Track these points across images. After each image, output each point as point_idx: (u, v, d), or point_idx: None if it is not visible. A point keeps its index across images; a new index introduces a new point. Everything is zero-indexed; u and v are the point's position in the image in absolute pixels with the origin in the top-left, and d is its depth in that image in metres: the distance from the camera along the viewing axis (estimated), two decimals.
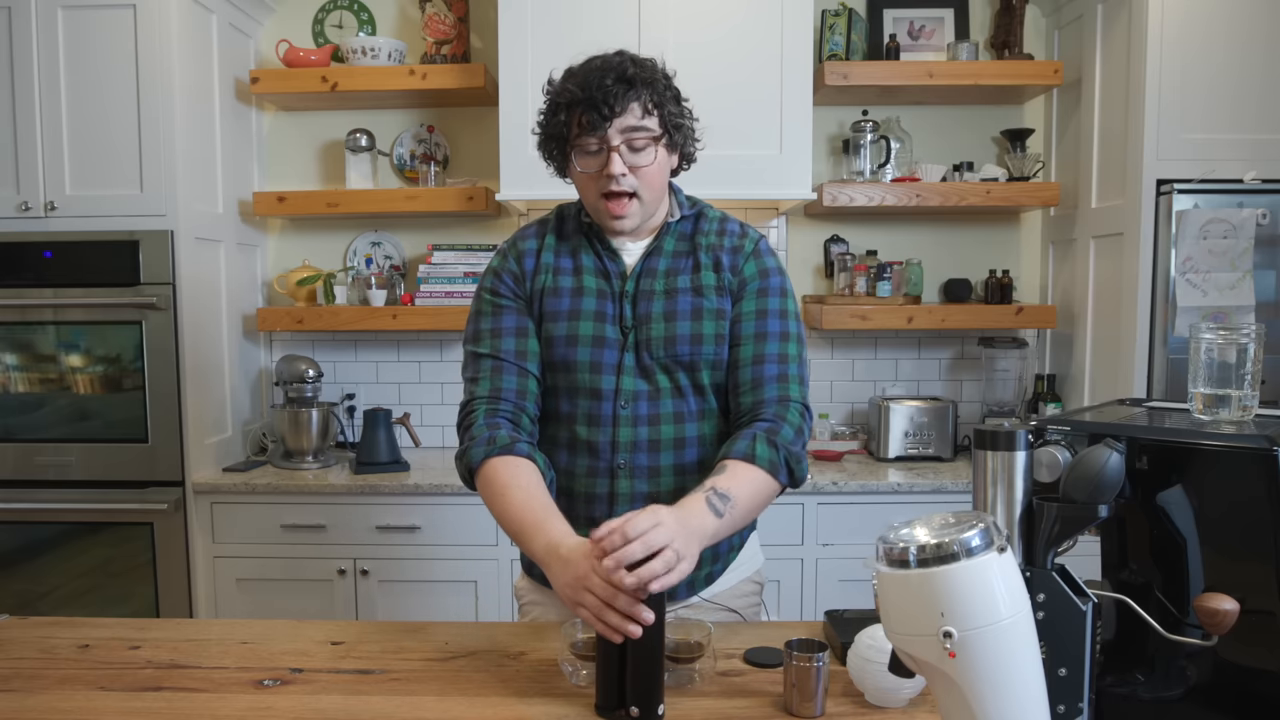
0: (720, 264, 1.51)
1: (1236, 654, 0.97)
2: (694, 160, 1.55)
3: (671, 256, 1.52)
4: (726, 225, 1.56)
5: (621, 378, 1.46)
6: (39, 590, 2.76)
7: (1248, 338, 1.02)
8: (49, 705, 1.25)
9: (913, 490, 2.71)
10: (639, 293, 1.49)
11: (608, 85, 1.39)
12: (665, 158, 1.47)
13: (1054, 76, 2.91)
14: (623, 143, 1.41)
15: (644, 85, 1.41)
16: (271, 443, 3.06)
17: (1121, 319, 2.70)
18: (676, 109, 1.47)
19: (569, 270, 1.52)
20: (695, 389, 1.49)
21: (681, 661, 1.29)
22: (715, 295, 1.50)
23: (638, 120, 1.42)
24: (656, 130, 1.43)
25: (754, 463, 1.38)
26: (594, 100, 1.38)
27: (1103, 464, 0.94)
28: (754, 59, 2.74)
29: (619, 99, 1.39)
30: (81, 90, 2.66)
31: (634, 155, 1.43)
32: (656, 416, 1.47)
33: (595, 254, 1.53)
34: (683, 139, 1.49)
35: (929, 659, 0.84)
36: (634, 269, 1.51)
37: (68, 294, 2.69)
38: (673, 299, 1.48)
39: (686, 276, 1.50)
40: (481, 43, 3.16)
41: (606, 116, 1.39)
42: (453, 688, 1.30)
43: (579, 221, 1.55)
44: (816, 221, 3.24)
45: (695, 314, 1.48)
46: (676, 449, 1.48)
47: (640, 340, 1.47)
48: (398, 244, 3.27)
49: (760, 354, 1.48)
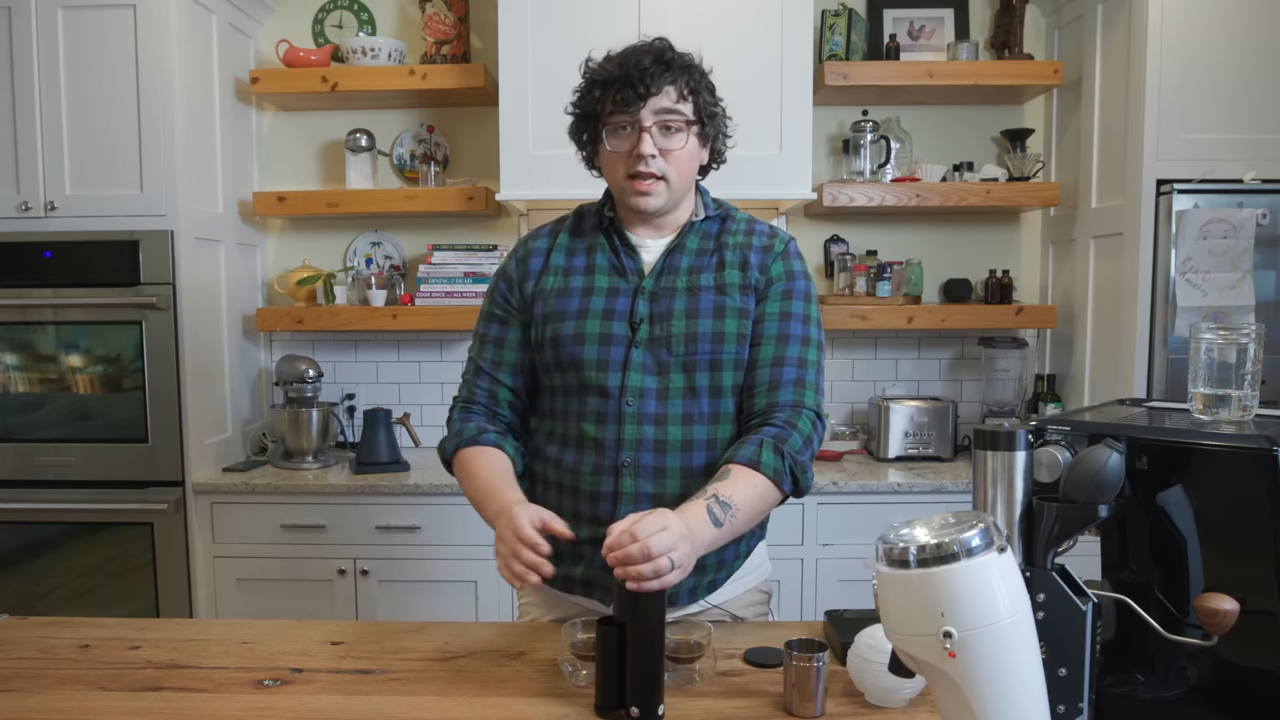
0: (748, 263, 1.51)
1: (1236, 654, 0.97)
2: (724, 160, 1.56)
3: (695, 254, 1.52)
4: (755, 226, 1.56)
5: (628, 374, 1.45)
6: (39, 590, 2.76)
7: (1248, 338, 1.02)
8: (49, 705, 1.25)
9: (913, 490, 2.71)
10: (659, 289, 1.49)
11: (645, 66, 1.40)
12: (696, 147, 1.48)
13: (1054, 76, 2.91)
14: (655, 124, 1.42)
15: (681, 70, 1.43)
16: (271, 443, 3.06)
17: (1121, 319, 2.70)
18: (711, 99, 1.48)
19: (580, 269, 1.53)
20: (712, 390, 1.47)
21: (681, 661, 1.29)
22: (739, 294, 1.48)
23: (672, 103, 1.43)
24: (690, 115, 1.44)
25: (758, 470, 1.37)
26: (630, 78, 1.40)
27: (1103, 464, 0.94)
28: (754, 59, 2.74)
29: (655, 79, 1.40)
30: (81, 90, 2.66)
31: (665, 138, 1.44)
32: (664, 416, 1.45)
33: (612, 250, 1.53)
34: (715, 131, 1.50)
35: (929, 659, 0.84)
36: (654, 266, 1.51)
37: (68, 294, 2.69)
38: (695, 296, 1.48)
39: (710, 274, 1.50)
40: (481, 43, 3.16)
41: (641, 95, 1.40)
42: (453, 688, 1.30)
43: (599, 218, 1.56)
44: (816, 221, 3.24)
45: (718, 312, 1.47)
46: (684, 451, 1.46)
47: (658, 337, 1.46)
48: (398, 244, 3.27)
49: (780, 356, 1.47)
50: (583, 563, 1.50)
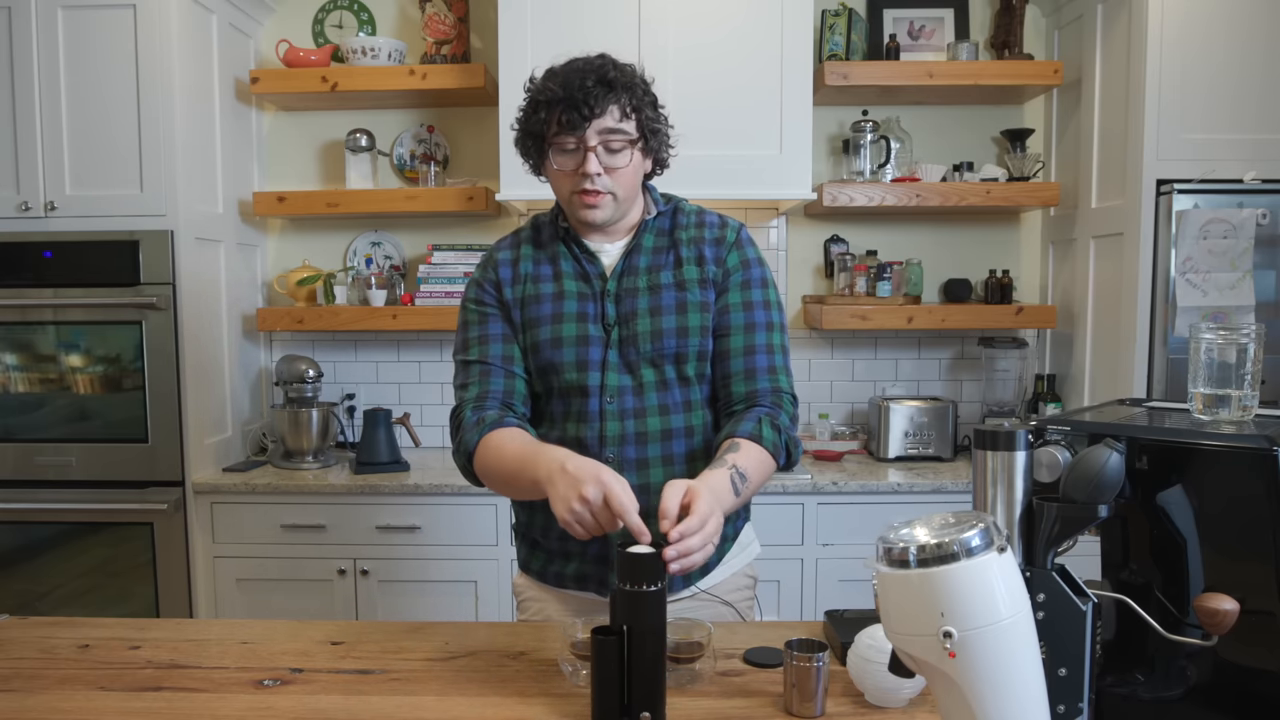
0: (703, 257, 1.55)
1: (1236, 654, 0.97)
2: (667, 166, 1.58)
3: (652, 253, 1.56)
4: (705, 218, 1.60)
5: (606, 374, 1.50)
6: (39, 590, 2.76)
7: (1248, 338, 1.02)
8: (49, 705, 1.25)
9: (913, 490, 2.71)
10: (621, 291, 1.53)
11: (588, 86, 1.41)
12: (640, 161, 1.50)
13: (1054, 76, 2.91)
14: (599, 144, 1.44)
15: (624, 89, 1.45)
16: (271, 443, 3.06)
17: (1121, 319, 2.70)
18: (654, 114, 1.50)
19: (549, 276, 1.56)
20: (680, 380, 1.53)
21: (681, 661, 1.29)
22: (699, 288, 1.53)
23: (615, 123, 1.45)
24: (633, 134, 1.47)
25: (760, 443, 1.44)
26: (574, 100, 1.41)
27: (1103, 464, 0.94)
28: (754, 59, 2.74)
29: (599, 100, 1.42)
30: (81, 90, 2.66)
31: (610, 157, 1.46)
32: (642, 410, 1.51)
33: (574, 258, 1.56)
34: (658, 144, 1.52)
35: (929, 659, 0.84)
36: (614, 268, 1.55)
37: (68, 294, 2.69)
38: (656, 294, 1.52)
39: (669, 272, 1.54)
40: (481, 43, 3.16)
41: (586, 117, 1.42)
42: (453, 688, 1.30)
43: (555, 228, 1.58)
44: (816, 221, 3.24)
45: (680, 308, 1.52)
46: (663, 440, 1.51)
47: (625, 336, 1.51)
48: (398, 244, 3.27)
49: (751, 345, 1.53)
50: (574, 559, 1.54)
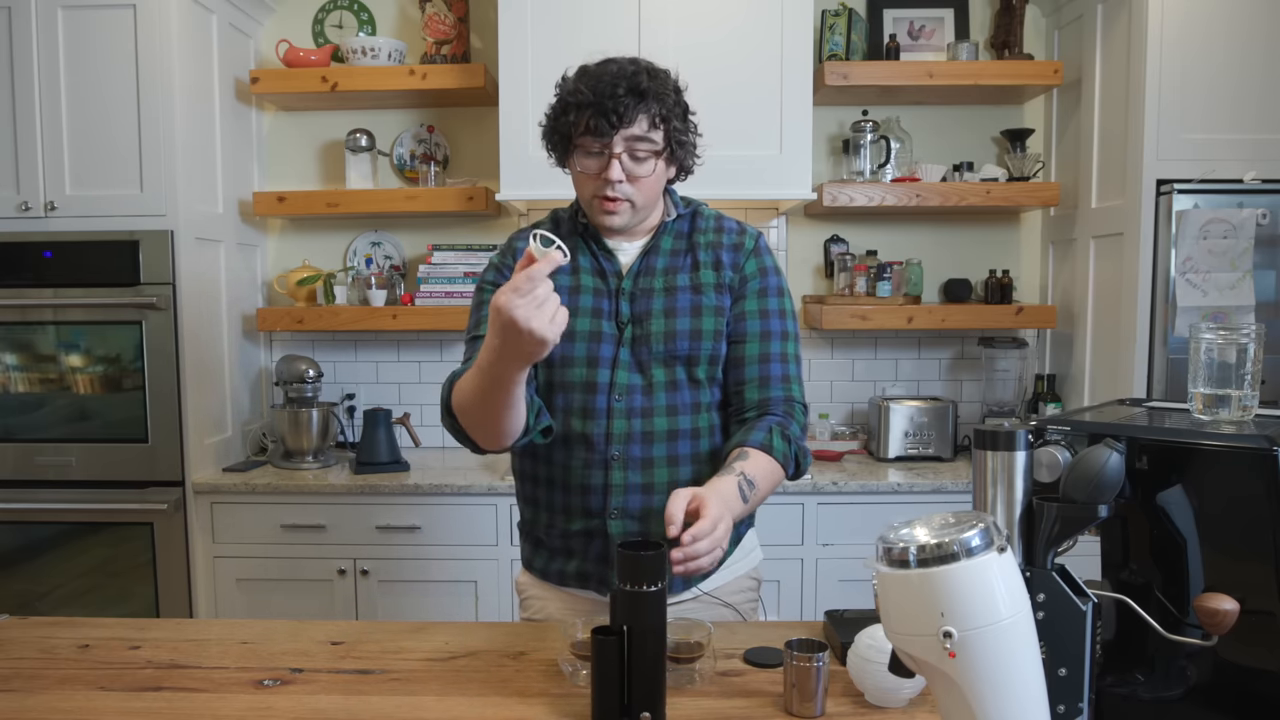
0: (721, 262, 1.55)
1: (1236, 654, 0.97)
2: (691, 173, 1.57)
3: (669, 255, 1.56)
4: (724, 223, 1.60)
5: (616, 371, 1.50)
6: (39, 590, 2.76)
7: (1248, 338, 1.02)
8: (49, 705, 1.25)
9: (913, 490, 2.71)
10: (637, 290, 1.53)
11: (620, 94, 1.40)
12: (663, 170, 1.50)
13: (1054, 76, 2.91)
14: (625, 151, 1.44)
15: (655, 99, 1.43)
16: (271, 443, 3.06)
17: (1121, 319, 2.70)
18: (682, 125, 1.49)
19: (566, 270, 1.55)
20: (690, 382, 1.52)
21: (681, 661, 1.29)
22: (714, 293, 1.53)
23: (643, 132, 1.43)
24: (660, 144, 1.46)
25: (770, 453, 1.44)
26: (604, 107, 1.40)
27: (1103, 464, 0.94)
28: (754, 59, 2.74)
29: (629, 110, 1.41)
30: (81, 90, 2.65)
31: (634, 164, 1.45)
32: (650, 409, 1.50)
33: (591, 254, 1.56)
34: (684, 154, 1.51)
35: (929, 659, 0.84)
36: (631, 267, 1.54)
37: (68, 294, 2.69)
38: (672, 296, 1.52)
39: (686, 275, 1.54)
40: (481, 43, 3.16)
41: (614, 125, 1.41)
42: (453, 688, 1.30)
43: (575, 223, 1.58)
44: (816, 221, 3.24)
45: (695, 311, 1.52)
46: (669, 440, 1.51)
47: (638, 335, 1.51)
48: (398, 244, 3.27)
49: (766, 353, 1.53)
50: (576, 557, 1.54)
